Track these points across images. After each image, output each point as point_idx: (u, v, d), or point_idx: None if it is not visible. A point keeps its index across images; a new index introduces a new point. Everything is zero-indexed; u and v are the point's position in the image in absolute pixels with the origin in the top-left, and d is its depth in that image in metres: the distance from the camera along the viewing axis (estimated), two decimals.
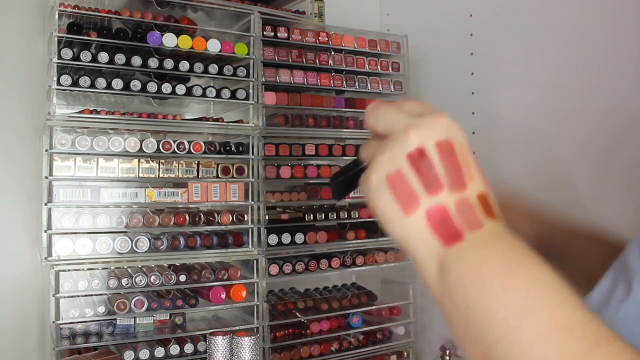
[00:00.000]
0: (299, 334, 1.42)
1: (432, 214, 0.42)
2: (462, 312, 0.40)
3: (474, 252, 0.41)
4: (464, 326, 0.40)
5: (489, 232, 0.42)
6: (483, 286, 0.39)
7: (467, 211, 0.42)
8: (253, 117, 1.37)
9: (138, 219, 1.23)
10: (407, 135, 0.42)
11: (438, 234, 0.42)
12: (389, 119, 0.45)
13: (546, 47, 1.28)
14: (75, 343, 1.19)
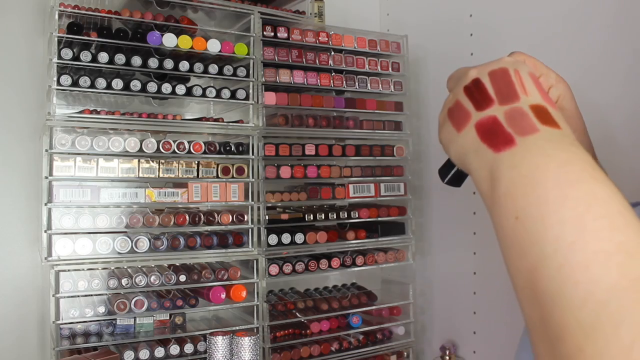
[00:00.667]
0: (299, 334, 1.42)
1: (480, 125, 0.44)
2: (511, 223, 0.38)
3: (528, 159, 0.39)
4: (510, 238, 0.38)
5: (545, 138, 0.40)
6: (536, 197, 0.37)
7: (518, 117, 0.42)
8: (253, 117, 1.37)
9: (138, 219, 1.23)
10: (467, 73, 0.47)
11: (487, 142, 0.42)
12: (460, 72, 0.50)
13: (546, 47, 1.28)
14: (75, 343, 1.19)
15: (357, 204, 1.53)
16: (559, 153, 0.38)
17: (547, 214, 0.36)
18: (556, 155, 0.38)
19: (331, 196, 1.47)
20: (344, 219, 1.48)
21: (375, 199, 1.54)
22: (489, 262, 1.45)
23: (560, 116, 0.43)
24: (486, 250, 1.46)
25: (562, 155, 0.38)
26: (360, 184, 1.52)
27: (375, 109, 1.55)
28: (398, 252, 1.57)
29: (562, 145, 0.39)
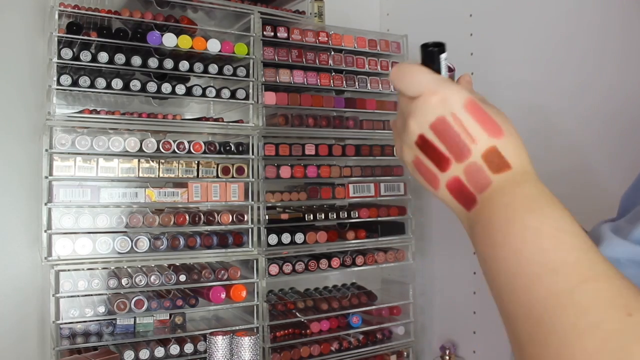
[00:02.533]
0: (299, 333, 1.42)
1: (450, 187, 0.46)
2: (482, 265, 0.44)
3: (483, 213, 0.44)
4: (486, 276, 0.44)
5: (498, 190, 0.44)
6: (488, 243, 0.43)
7: (475, 174, 0.45)
8: (253, 117, 1.37)
9: (138, 219, 1.23)
10: (408, 127, 0.48)
11: (460, 202, 0.46)
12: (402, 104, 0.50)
13: (546, 47, 1.28)
14: (75, 343, 1.19)
15: (357, 204, 1.53)
16: (501, 199, 0.43)
17: (494, 252, 0.42)
18: (499, 203, 0.43)
19: (331, 196, 1.47)
20: (344, 218, 1.48)
21: (375, 198, 1.54)
22: None
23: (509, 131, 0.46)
24: None
25: (504, 199, 0.43)
26: (360, 183, 1.52)
27: (375, 109, 1.55)
28: (398, 252, 1.57)
29: (504, 191, 0.44)
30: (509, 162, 0.45)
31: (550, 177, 1.38)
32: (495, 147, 0.45)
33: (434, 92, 0.46)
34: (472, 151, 0.45)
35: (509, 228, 0.42)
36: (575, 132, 1.21)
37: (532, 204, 0.42)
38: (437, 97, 0.46)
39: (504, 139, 0.45)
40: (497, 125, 0.46)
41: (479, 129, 0.45)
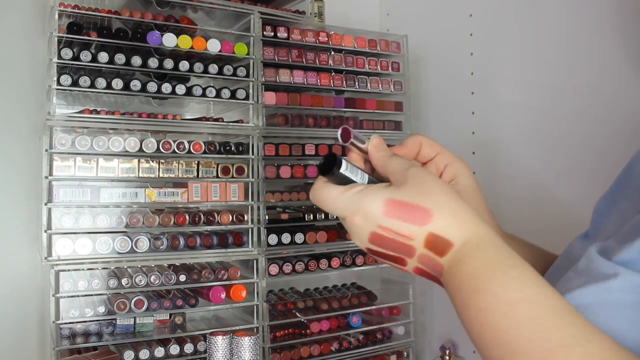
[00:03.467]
0: (299, 334, 1.42)
1: (417, 273, 0.49)
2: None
3: (447, 291, 0.47)
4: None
5: (447, 272, 0.46)
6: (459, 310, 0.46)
7: (429, 262, 0.47)
8: (253, 117, 1.37)
9: (138, 219, 1.23)
10: (355, 241, 0.50)
11: (432, 281, 0.49)
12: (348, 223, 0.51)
13: (546, 47, 1.28)
14: (75, 343, 1.19)
15: None
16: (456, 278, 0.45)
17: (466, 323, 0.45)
18: (454, 282, 0.45)
19: None
20: None
21: None
22: None
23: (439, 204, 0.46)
24: None
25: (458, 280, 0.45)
26: None
27: (375, 109, 1.55)
28: None
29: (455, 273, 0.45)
30: (449, 240, 0.46)
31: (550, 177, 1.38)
32: (431, 233, 0.46)
33: (354, 212, 0.48)
34: (415, 247, 0.47)
35: (467, 312, 0.44)
36: (576, 132, 1.21)
37: (479, 282, 0.43)
38: (359, 216, 0.48)
39: (436, 218, 0.46)
40: (422, 210, 0.46)
41: (408, 226, 0.46)
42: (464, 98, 1.51)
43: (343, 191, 0.49)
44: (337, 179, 0.50)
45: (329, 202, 0.49)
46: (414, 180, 0.48)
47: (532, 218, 1.28)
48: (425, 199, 0.46)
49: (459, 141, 1.53)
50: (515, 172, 1.36)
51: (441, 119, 1.63)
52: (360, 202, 0.48)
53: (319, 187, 0.50)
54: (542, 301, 0.41)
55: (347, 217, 0.49)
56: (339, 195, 0.49)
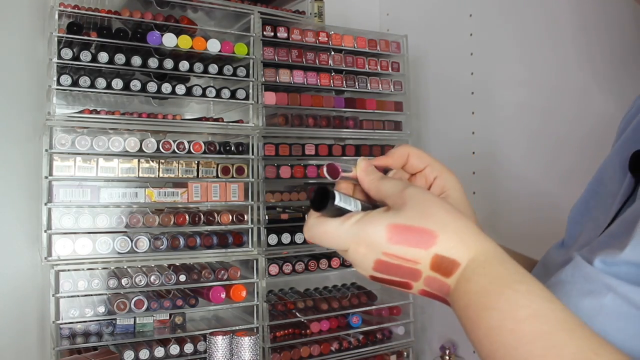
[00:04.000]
0: (299, 334, 1.42)
1: (423, 294, 0.49)
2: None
3: (455, 310, 0.46)
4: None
5: (454, 292, 0.46)
6: (467, 329, 0.46)
7: (435, 284, 0.47)
8: (253, 117, 1.37)
9: (138, 219, 1.23)
10: (359, 271, 0.49)
11: (438, 300, 0.49)
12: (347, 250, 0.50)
13: (546, 47, 1.28)
14: (75, 343, 1.19)
15: None
16: (463, 301, 0.45)
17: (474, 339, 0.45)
18: (461, 302, 0.45)
19: None
20: None
21: None
22: None
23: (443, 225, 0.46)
24: None
25: (464, 301, 0.45)
26: None
27: (375, 109, 1.55)
28: None
29: (465, 295, 0.45)
30: (455, 260, 0.45)
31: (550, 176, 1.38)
32: (437, 255, 0.45)
33: (357, 243, 0.47)
34: (421, 270, 0.46)
35: (476, 331, 0.43)
36: (576, 131, 1.21)
37: (487, 300, 0.43)
38: (362, 246, 0.47)
39: (441, 239, 0.45)
40: (427, 233, 0.45)
41: (414, 250, 0.45)
42: (464, 98, 1.51)
43: (341, 223, 0.48)
44: (330, 212, 0.49)
45: (328, 237, 0.48)
46: (413, 201, 0.47)
47: (532, 218, 1.28)
48: (428, 220, 0.46)
49: (459, 141, 1.53)
50: (515, 172, 1.36)
51: (441, 119, 1.63)
52: (361, 231, 0.47)
53: (314, 224, 0.49)
54: (550, 316, 0.41)
55: (350, 249, 0.48)
56: (337, 228, 0.48)
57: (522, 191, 1.33)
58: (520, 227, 1.30)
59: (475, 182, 1.47)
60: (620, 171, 0.55)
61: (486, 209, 1.43)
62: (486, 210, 1.43)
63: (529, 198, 1.30)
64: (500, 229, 1.36)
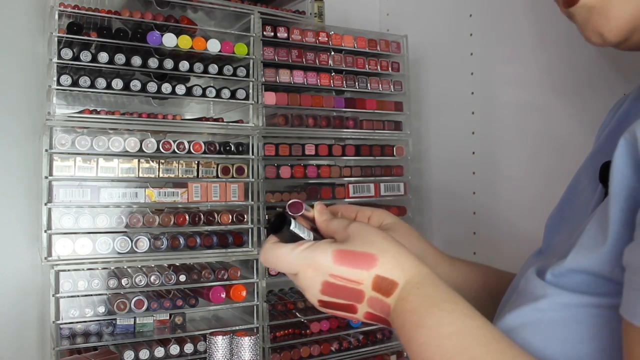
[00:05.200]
0: (299, 334, 1.42)
1: (367, 318, 0.53)
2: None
3: (399, 332, 0.50)
4: None
5: (393, 311, 0.50)
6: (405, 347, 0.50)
7: (378, 305, 0.51)
8: (253, 117, 1.37)
9: (138, 219, 1.23)
10: (307, 297, 0.54)
11: (381, 324, 0.53)
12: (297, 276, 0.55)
13: (546, 47, 1.28)
14: (75, 343, 1.19)
15: (357, 204, 1.52)
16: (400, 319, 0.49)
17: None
18: (401, 331, 0.49)
19: (331, 196, 1.47)
20: None
21: (375, 199, 1.54)
22: (489, 262, 1.45)
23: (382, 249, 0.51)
24: (486, 250, 1.46)
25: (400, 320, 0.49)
26: (360, 184, 1.52)
27: (375, 109, 1.55)
28: None
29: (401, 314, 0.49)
30: (394, 280, 0.50)
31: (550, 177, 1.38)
32: (378, 275, 0.50)
33: (306, 266, 0.52)
34: (364, 291, 0.51)
35: (410, 348, 0.48)
36: (576, 131, 1.21)
37: (418, 318, 0.48)
38: (311, 268, 0.52)
39: (381, 262, 0.51)
40: (368, 256, 0.51)
41: (357, 271, 0.50)
42: (464, 98, 1.51)
43: (293, 248, 0.53)
44: (286, 237, 0.55)
45: (280, 261, 0.53)
46: (355, 233, 0.53)
47: (532, 218, 1.28)
48: (369, 246, 0.51)
49: (459, 141, 1.53)
50: (515, 171, 1.36)
51: (441, 119, 1.63)
52: (310, 255, 0.52)
53: (269, 248, 0.54)
54: (471, 332, 0.45)
55: (299, 272, 0.52)
56: (289, 252, 0.53)
57: (522, 191, 1.33)
58: (520, 227, 1.30)
59: (475, 182, 1.47)
60: (593, 181, 0.56)
61: (486, 209, 1.43)
62: (486, 210, 1.43)
63: (529, 198, 1.30)
64: (500, 229, 1.36)
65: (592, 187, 0.57)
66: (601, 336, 0.45)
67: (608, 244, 0.44)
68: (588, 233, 0.48)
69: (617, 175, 0.45)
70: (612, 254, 0.44)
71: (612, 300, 0.44)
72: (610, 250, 0.45)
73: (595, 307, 0.46)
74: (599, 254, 0.45)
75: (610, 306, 0.45)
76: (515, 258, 0.83)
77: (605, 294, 0.45)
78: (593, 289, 0.46)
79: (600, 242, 0.45)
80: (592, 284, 0.46)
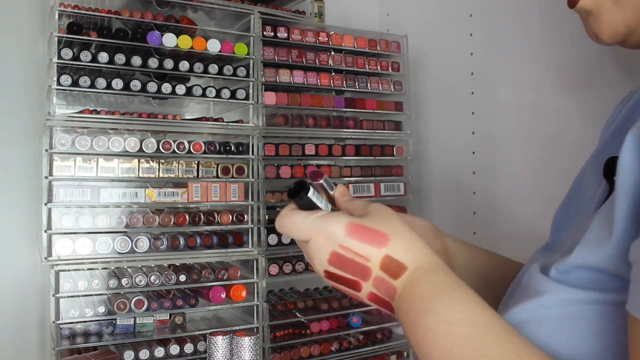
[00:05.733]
0: (299, 334, 1.42)
1: (370, 299, 0.52)
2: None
3: (399, 316, 0.50)
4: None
5: (400, 295, 0.50)
6: (408, 332, 0.49)
7: (383, 286, 0.50)
8: (253, 117, 1.37)
9: (138, 219, 1.23)
10: (314, 266, 0.54)
11: (384, 307, 0.52)
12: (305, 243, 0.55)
13: (546, 47, 1.28)
14: (75, 343, 1.19)
15: None
16: (406, 304, 0.49)
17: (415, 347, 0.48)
18: (404, 307, 0.49)
19: None
20: None
21: (375, 199, 1.54)
22: None
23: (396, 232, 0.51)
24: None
25: (407, 305, 0.49)
26: (360, 183, 1.52)
27: (375, 109, 1.55)
28: None
29: (407, 296, 0.49)
30: (403, 264, 0.50)
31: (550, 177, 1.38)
32: (388, 255, 0.50)
33: (318, 233, 0.52)
34: (371, 268, 0.50)
35: (416, 334, 0.47)
36: (577, 132, 1.21)
37: (428, 304, 0.47)
38: (322, 236, 0.51)
39: (393, 243, 0.50)
40: (381, 234, 0.50)
41: (367, 247, 0.50)
42: (464, 98, 1.51)
43: (307, 215, 0.53)
44: (304, 204, 0.54)
45: (294, 226, 0.53)
46: (374, 211, 0.53)
47: (532, 218, 1.28)
48: (384, 225, 0.51)
49: (459, 141, 1.53)
50: (515, 172, 1.36)
51: (441, 119, 1.63)
52: (323, 223, 0.52)
53: (285, 214, 0.54)
54: (481, 321, 0.45)
55: (311, 238, 0.52)
56: (303, 218, 0.53)
57: (522, 191, 1.33)
58: (520, 227, 1.30)
59: (475, 182, 1.47)
60: (598, 177, 0.56)
61: (486, 209, 1.43)
62: (486, 210, 1.43)
63: (529, 198, 1.30)
64: (500, 229, 1.36)
65: (597, 183, 0.56)
66: (606, 332, 0.45)
67: (614, 240, 0.44)
68: (594, 228, 0.47)
69: (624, 171, 0.44)
70: (618, 249, 0.44)
71: (618, 296, 0.44)
72: (616, 246, 0.44)
73: (601, 303, 0.46)
74: (604, 250, 0.45)
75: (615, 302, 0.44)
76: (515, 257, 0.83)
77: (611, 290, 0.45)
78: (598, 285, 0.46)
79: (606, 237, 0.45)
80: (597, 280, 0.46)
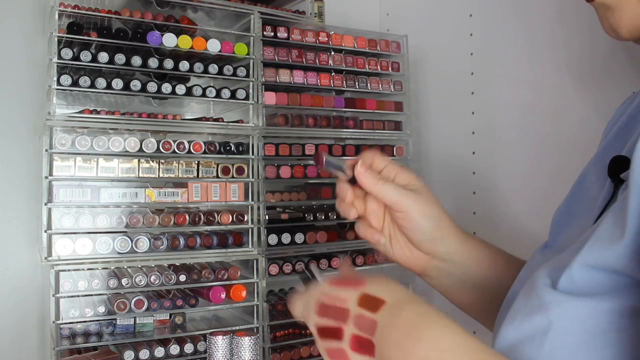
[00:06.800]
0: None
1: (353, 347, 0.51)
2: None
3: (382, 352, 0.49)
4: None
5: (382, 327, 0.50)
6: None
7: (362, 321, 0.51)
8: (253, 117, 1.37)
9: (138, 219, 1.23)
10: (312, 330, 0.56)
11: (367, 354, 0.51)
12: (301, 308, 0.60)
13: (546, 47, 1.28)
14: (75, 343, 1.19)
15: None
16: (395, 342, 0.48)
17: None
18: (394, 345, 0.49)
19: (331, 196, 1.47)
20: (344, 218, 1.47)
21: None
22: None
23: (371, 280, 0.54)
24: None
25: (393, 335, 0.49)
26: None
27: (375, 109, 1.55)
28: None
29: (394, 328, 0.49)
30: (382, 298, 0.51)
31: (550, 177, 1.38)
32: (365, 293, 0.52)
33: (310, 294, 0.57)
34: (349, 309, 0.52)
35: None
36: (577, 132, 1.21)
37: (417, 332, 0.48)
38: (311, 293, 0.57)
39: (368, 284, 0.53)
40: (358, 279, 0.54)
41: (344, 290, 0.53)
42: (464, 98, 1.51)
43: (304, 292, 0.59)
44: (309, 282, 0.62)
45: (296, 306, 0.60)
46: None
47: (532, 218, 1.28)
48: (361, 276, 0.55)
49: (459, 141, 1.53)
50: (516, 171, 1.36)
51: (441, 119, 1.63)
52: (313, 287, 0.58)
53: (295, 300, 0.60)
54: (468, 349, 0.46)
55: (307, 301, 0.57)
56: (300, 296, 0.59)
57: (522, 191, 1.33)
58: (520, 227, 1.30)
59: (475, 182, 1.47)
60: (602, 176, 0.55)
61: (486, 209, 1.43)
62: (486, 210, 1.43)
63: (529, 198, 1.30)
64: (501, 229, 1.36)
65: (601, 182, 0.56)
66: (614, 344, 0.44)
67: (626, 238, 0.43)
68: (604, 226, 0.46)
69: (638, 168, 0.43)
70: (629, 247, 0.43)
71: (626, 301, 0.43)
72: (628, 244, 0.43)
73: (607, 312, 0.45)
74: (616, 247, 0.44)
75: (626, 311, 0.44)
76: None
77: (619, 292, 0.45)
78: (605, 288, 0.45)
79: (618, 236, 0.44)
80: (605, 282, 0.45)
